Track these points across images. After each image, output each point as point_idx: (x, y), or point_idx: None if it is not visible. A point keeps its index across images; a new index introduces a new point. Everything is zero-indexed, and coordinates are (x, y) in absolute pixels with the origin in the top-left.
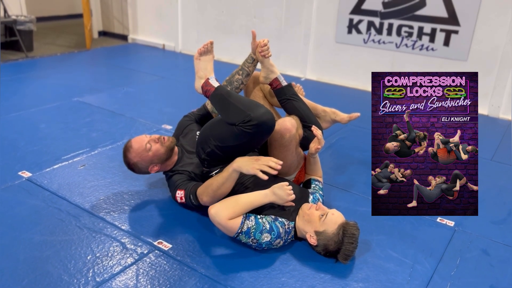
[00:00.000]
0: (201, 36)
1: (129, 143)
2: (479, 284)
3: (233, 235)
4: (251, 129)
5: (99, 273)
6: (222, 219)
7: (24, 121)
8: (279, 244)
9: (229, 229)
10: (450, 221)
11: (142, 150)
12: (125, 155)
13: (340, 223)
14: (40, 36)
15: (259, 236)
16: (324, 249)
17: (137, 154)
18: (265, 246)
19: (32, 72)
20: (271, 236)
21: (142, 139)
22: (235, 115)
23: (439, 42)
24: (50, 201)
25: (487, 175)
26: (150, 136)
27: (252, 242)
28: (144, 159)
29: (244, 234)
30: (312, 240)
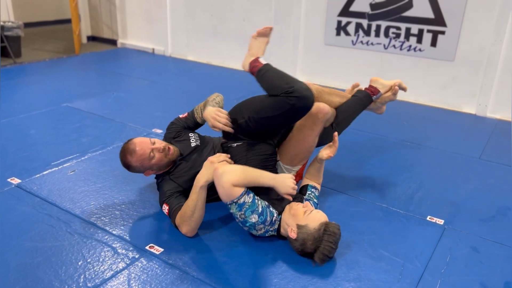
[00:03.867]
0: (190, 40)
1: (132, 146)
2: (469, 281)
3: (227, 202)
4: (292, 101)
5: (91, 278)
6: (227, 182)
7: (13, 127)
8: (260, 231)
9: (227, 194)
10: (439, 219)
11: (145, 157)
12: (124, 156)
13: (323, 221)
14: (28, 42)
15: (249, 214)
16: (302, 243)
17: (139, 160)
18: (248, 226)
19: (21, 78)
20: (258, 219)
21: (146, 146)
22: (279, 86)
23: (427, 43)
24: (40, 207)
25: (475, 173)
26: (154, 144)
27: (240, 217)
28: (144, 165)
29: (237, 206)
30: (292, 234)
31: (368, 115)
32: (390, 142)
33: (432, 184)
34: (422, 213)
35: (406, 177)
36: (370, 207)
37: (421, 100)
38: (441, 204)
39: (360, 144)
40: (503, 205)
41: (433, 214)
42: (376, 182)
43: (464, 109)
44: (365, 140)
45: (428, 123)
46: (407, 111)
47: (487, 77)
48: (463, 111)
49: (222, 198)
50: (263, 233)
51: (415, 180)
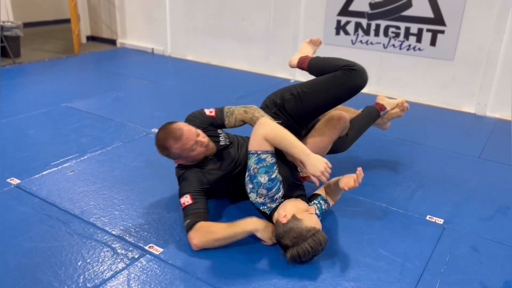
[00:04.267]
0: (190, 40)
1: (179, 131)
2: (468, 280)
3: (250, 150)
4: (352, 74)
5: (90, 278)
6: (260, 133)
7: (12, 127)
8: (259, 198)
9: (255, 143)
10: (439, 218)
11: (187, 147)
12: (167, 139)
13: (317, 227)
14: (28, 42)
15: (262, 171)
16: (285, 231)
17: (180, 148)
18: (253, 183)
19: (20, 78)
20: (266, 182)
21: (192, 136)
22: (339, 63)
23: (426, 42)
24: (40, 207)
25: (475, 173)
26: (198, 135)
27: (252, 170)
28: (182, 154)
29: (257, 158)
30: (283, 219)
31: None
32: (390, 142)
33: (432, 183)
34: (421, 212)
35: (405, 176)
36: (370, 207)
37: (421, 99)
38: (441, 203)
39: (360, 144)
40: (503, 204)
41: (433, 214)
42: (376, 182)
43: (463, 109)
44: (365, 140)
45: (428, 122)
46: (406, 111)
47: (486, 77)
48: (463, 111)
49: (249, 144)
50: (259, 204)
51: (415, 179)
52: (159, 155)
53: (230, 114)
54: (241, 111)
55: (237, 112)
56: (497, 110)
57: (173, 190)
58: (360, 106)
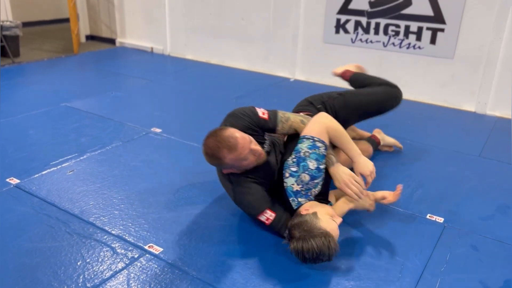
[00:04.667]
0: (189, 39)
1: (233, 140)
2: (468, 279)
3: (306, 135)
4: (394, 88)
5: (90, 278)
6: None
7: (12, 127)
8: (297, 185)
9: (314, 129)
10: (439, 217)
11: (241, 157)
12: (220, 148)
13: (332, 234)
14: (27, 41)
15: (313, 157)
16: (299, 223)
17: (234, 159)
18: (300, 166)
19: (19, 78)
20: (314, 169)
21: (247, 145)
22: (381, 80)
23: (426, 40)
24: (39, 207)
25: (475, 171)
26: (252, 145)
27: (303, 153)
28: (235, 164)
29: (311, 144)
30: (304, 211)
31: None
32: None
33: (432, 182)
34: (421, 211)
35: (405, 176)
36: None
37: (421, 98)
38: (441, 202)
39: None
40: (503, 203)
41: (433, 212)
42: (375, 181)
43: (463, 107)
44: None
45: (428, 121)
46: (406, 109)
47: (486, 75)
48: (463, 109)
49: (306, 130)
50: (293, 192)
51: (415, 179)
52: (158, 154)
53: (285, 121)
54: (298, 121)
55: (293, 120)
56: (497, 108)
57: (173, 189)
58: None
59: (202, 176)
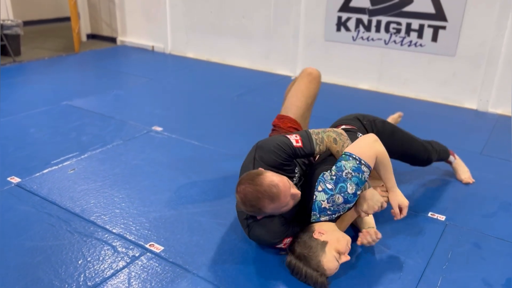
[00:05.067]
0: (190, 37)
1: (275, 189)
2: (471, 277)
3: (353, 154)
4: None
5: (91, 277)
6: (375, 148)
7: (13, 126)
8: (327, 203)
9: (368, 152)
10: (441, 215)
11: (282, 205)
12: (262, 199)
13: (327, 273)
14: (28, 40)
15: (355, 180)
16: (305, 244)
17: (275, 208)
18: (337, 187)
19: (20, 77)
20: (351, 194)
21: (287, 192)
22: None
23: (427, 38)
24: (40, 206)
25: (476, 169)
26: (292, 190)
27: (346, 174)
28: (274, 212)
29: (357, 166)
30: (317, 234)
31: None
32: None
33: (433, 180)
34: (423, 209)
35: (407, 174)
36: None
37: (422, 96)
38: (443, 200)
39: None
40: (504, 201)
41: (435, 210)
42: None
43: (465, 105)
44: None
45: (429, 119)
46: (407, 107)
47: (488, 72)
48: (464, 107)
49: (354, 147)
50: (320, 209)
51: (416, 177)
52: (159, 153)
53: (320, 143)
54: (331, 140)
55: (327, 140)
56: (499, 106)
57: (174, 188)
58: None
59: (203, 174)
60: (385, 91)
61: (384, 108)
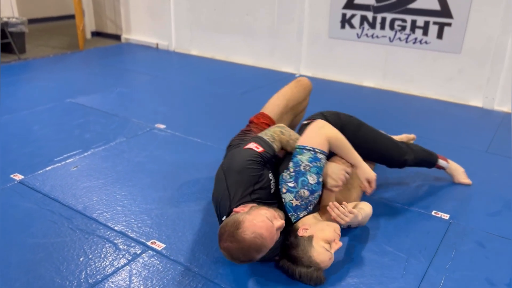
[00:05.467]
0: (194, 35)
1: (259, 240)
2: (474, 276)
3: (311, 146)
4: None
5: (92, 274)
6: (324, 133)
7: (16, 123)
8: (296, 200)
9: (319, 139)
10: (445, 214)
11: (273, 242)
12: (248, 252)
13: (321, 266)
14: (33, 38)
15: (314, 170)
16: (293, 244)
17: (264, 252)
18: (298, 182)
19: (25, 74)
20: (314, 183)
21: (273, 233)
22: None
23: (433, 35)
24: (43, 203)
25: (481, 167)
26: (276, 225)
27: (304, 167)
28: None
29: (312, 157)
30: (301, 231)
31: (373, 110)
32: None
33: (438, 178)
34: (426, 207)
35: (410, 172)
36: (373, 202)
37: (427, 93)
38: (447, 198)
39: None
40: (509, 199)
41: (438, 209)
42: (380, 177)
43: (470, 103)
44: None
45: (434, 116)
46: (412, 105)
47: (494, 70)
48: (470, 105)
49: (304, 140)
50: (292, 208)
51: (420, 175)
52: (162, 151)
53: (273, 139)
54: (278, 133)
55: (275, 135)
56: (505, 104)
57: (176, 185)
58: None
59: (206, 171)
60: (390, 89)
61: (389, 105)
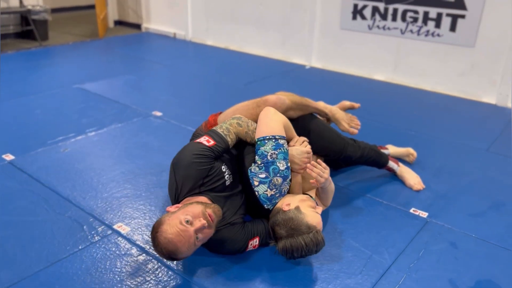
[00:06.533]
0: (210, 25)
1: (171, 246)
2: (437, 277)
3: (270, 134)
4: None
5: (53, 253)
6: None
7: (20, 107)
8: (270, 190)
9: (274, 125)
10: (423, 212)
11: (192, 248)
12: (168, 257)
13: (318, 227)
14: (58, 26)
15: (281, 157)
16: (284, 220)
17: (188, 253)
18: (270, 171)
19: (42, 60)
20: (284, 169)
21: (187, 235)
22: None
23: (445, 27)
24: (26, 183)
25: (478, 166)
26: (191, 223)
27: (270, 156)
28: (193, 251)
29: (274, 144)
30: (285, 207)
31: (381, 104)
32: (393, 130)
33: (428, 174)
34: (406, 204)
35: None
36: (352, 196)
37: (438, 88)
38: (433, 196)
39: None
40: (498, 200)
41: (418, 206)
42: (367, 173)
43: (483, 99)
44: (368, 129)
45: (442, 112)
46: (422, 100)
47: (508, 65)
48: (482, 101)
49: (261, 129)
50: (267, 199)
51: (412, 170)
52: (153, 137)
53: (228, 132)
54: (235, 125)
55: (232, 127)
56: None
57: (157, 172)
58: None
59: None
60: (400, 83)
61: (399, 100)
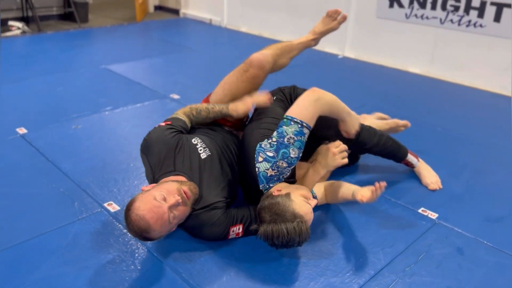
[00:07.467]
0: (244, 11)
1: (142, 222)
2: (433, 284)
3: (300, 118)
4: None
5: (39, 227)
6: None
7: (44, 84)
8: (272, 171)
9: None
10: (433, 212)
11: (166, 226)
12: (140, 235)
13: (306, 218)
14: (99, 9)
15: (297, 145)
16: (270, 203)
17: (161, 231)
18: (279, 153)
19: (77, 41)
20: (294, 157)
21: (160, 212)
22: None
23: (489, 17)
24: (31, 156)
25: (504, 166)
26: (165, 200)
27: (288, 140)
28: (168, 229)
29: (300, 130)
30: (276, 192)
31: (415, 99)
32: (418, 126)
33: (448, 173)
34: (415, 204)
35: None
36: None
37: (477, 83)
38: (443, 196)
39: None
40: None
41: (428, 207)
42: (374, 168)
43: None
44: None
45: (477, 109)
46: (459, 96)
47: None
48: None
49: (296, 108)
50: (266, 178)
51: (432, 169)
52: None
53: (175, 114)
54: (182, 109)
55: (180, 111)
56: None
57: None
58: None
59: None
60: (437, 77)
61: (432, 95)
